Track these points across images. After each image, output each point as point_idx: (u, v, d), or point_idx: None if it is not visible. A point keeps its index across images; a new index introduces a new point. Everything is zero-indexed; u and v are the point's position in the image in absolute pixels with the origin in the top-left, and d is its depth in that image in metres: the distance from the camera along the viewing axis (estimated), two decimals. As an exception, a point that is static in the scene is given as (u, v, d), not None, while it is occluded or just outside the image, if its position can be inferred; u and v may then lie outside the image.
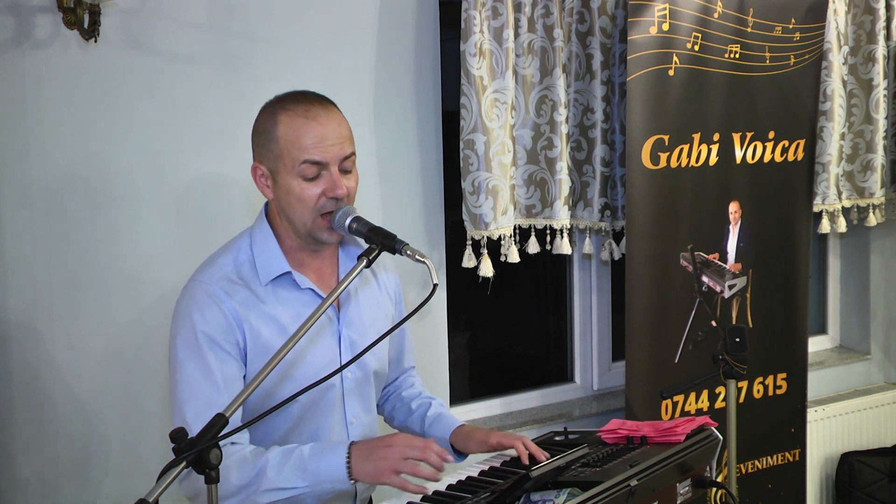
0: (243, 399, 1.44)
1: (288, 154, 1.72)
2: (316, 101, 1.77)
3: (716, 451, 2.01)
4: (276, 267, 1.78)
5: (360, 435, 1.89)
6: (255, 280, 1.78)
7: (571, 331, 3.42)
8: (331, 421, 1.84)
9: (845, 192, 3.61)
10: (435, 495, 1.73)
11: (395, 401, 2.15)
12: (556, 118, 2.91)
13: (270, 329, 1.75)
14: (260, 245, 1.80)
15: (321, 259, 1.86)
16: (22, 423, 2.38)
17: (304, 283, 1.80)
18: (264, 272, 1.78)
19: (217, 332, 1.71)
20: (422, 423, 2.05)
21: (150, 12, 2.44)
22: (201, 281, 1.76)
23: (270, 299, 1.77)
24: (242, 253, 1.80)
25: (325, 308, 1.55)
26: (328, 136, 1.72)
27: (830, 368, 3.91)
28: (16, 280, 2.35)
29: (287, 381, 1.77)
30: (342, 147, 1.74)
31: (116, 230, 2.45)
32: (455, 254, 2.93)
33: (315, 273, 1.85)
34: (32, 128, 2.34)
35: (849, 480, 3.70)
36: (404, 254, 1.66)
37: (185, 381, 1.70)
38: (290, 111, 1.73)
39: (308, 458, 1.66)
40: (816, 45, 3.26)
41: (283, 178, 1.74)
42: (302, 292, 1.81)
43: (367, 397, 1.93)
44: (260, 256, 1.79)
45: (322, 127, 1.72)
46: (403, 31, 2.81)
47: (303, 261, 1.83)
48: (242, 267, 1.78)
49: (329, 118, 1.74)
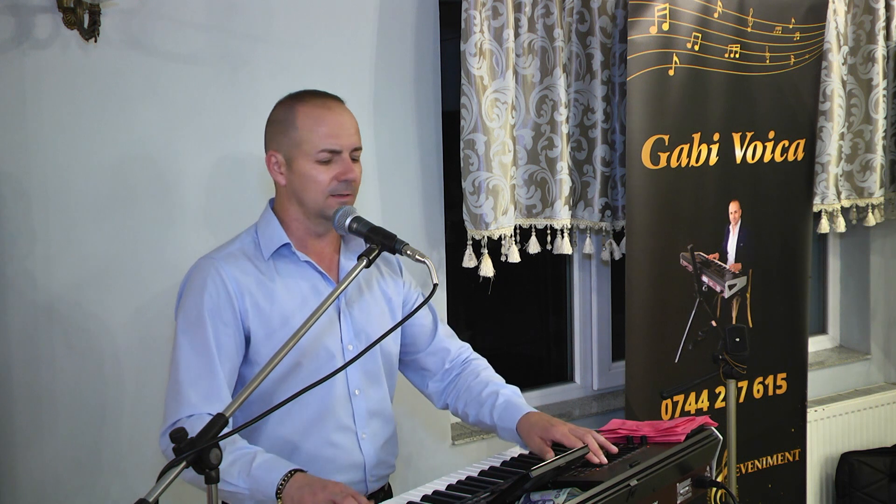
0: (243, 399, 1.44)
1: (307, 141, 1.85)
2: (331, 97, 1.93)
3: (716, 451, 2.01)
4: (277, 240, 1.89)
5: (367, 409, 1.95)
6: (258, 256, 1.90)
7: (571, 331, 3.42)
8: (334, 392, 1.89)
9: (845, 192, 3.61)
10: (435, 495, 1.73)
11: (466, 396, 2.07)
12: (557, 118, 2.91)
13: (268, 299, 1.85)
14: (263, 227, 1.93)
15: (323, 244, 1.95)
16: (22, 423, 2.38)
17: (302, 257, 1.90)
18: (266, 247, 1.90)
19: (220, 308, 1.81)
20: (491, 415, 2.00)
21: (150, 12, 2.45)
22: (210, 258, 1.88)
23: (270, 271, 1.88)
24: (248, 237, 1.93)
25: (328, 305, 1.58)
26: (344, 126, 1.87)
27: (830, 368, 3.91)
28: (15, 279, 2.35)
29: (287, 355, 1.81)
30: (354, 138, 1.89)
31: (116, 230, 2.45)
32: (455, 254, 2.93)
33: (316, 255, 1.93)
34: (32, 128, 2.34)
35: (849, 480, 3.70)
36: (404, 254, 1.69)
37: (182, 352, 1.80)
38: (309, 103, 1.88)
39: (255, 466, 1.70)
40: (816, 45, 3.26)
41: (300, 163, 1.86)
42: (300, 266, 1.90)
43: (371, 371, 1.97)
44: (263, 236, 1.91)
45: (339, 117, 1.88)
46: (403, 31, 2.81)
47: (306, 243, 1.92)
48: (247, 246, 1.91)
49: (343, 111, 1.91)
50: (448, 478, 1.83)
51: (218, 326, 1.80)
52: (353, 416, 1.93)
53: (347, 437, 1.92)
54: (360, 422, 1.94)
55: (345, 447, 1.92)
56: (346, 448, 1.92)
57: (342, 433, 1.92)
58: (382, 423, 2.00)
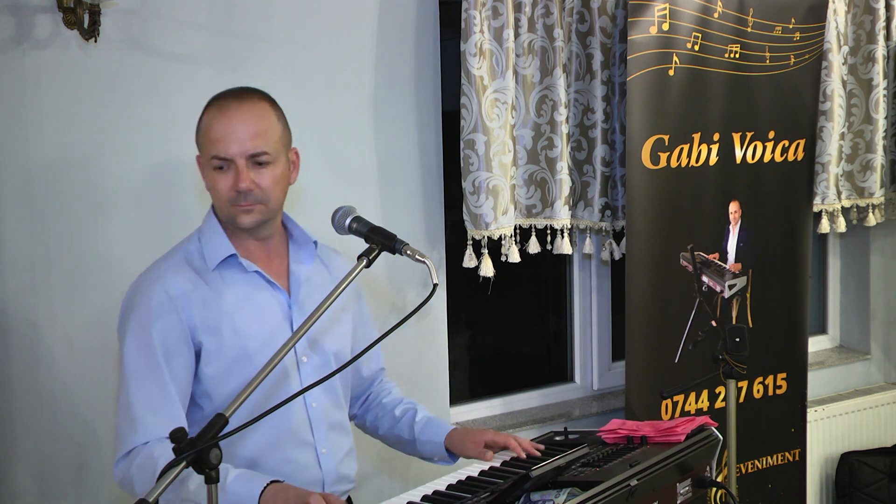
0: (243, 399, 1.43)
1: (203, 147, 1.80)
2: (234, 96, 1.80)
3: (716, 451, 2.01)
4: (223, 250, 1.82)
5: (326, 422, 1.90)
6: (203, 267, 1.82)
7: (571, 331, 3.42)
8: (291, 406, 1.79)
9: (845, 192, 3.61)
10: (435, 495, 1.73)
11: (377, 410, 2.15)
12: (557, 118, 2.91)
13: (217, 315, 1.78)
14: (207, 235, 1.85)
15: (268, 248, 1.89)
16: (22, 423, 2.38)
17: (250, 267, 1.83)
18: (211, 257, 1.82)
19: (168, 327, 1.74)
20: (410, 429, 2.07)
21: (150, 12, 2.45)
22: (153, 272, 1.81)
23: (217, 284, 1.81)
24: (192, 245, 1.86)
25: (325, 310, 1.55)
26: (234, 132, 1.75)
27: (830, 368, 3.91)
28: (15, 279, 2.35)
29: (238, 364, 1.78)
30: (248, 144, 1.75)
31: (116, 230, 2.45)
32: (455, 254, 2.93)
33: (263, 261, 1.87)
34: (32, 128, 2.34)
35: (849, 480, 3.70)
36: (404, 254, 1.68)
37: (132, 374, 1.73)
38: (211, 106, 1.80)
39: (230, 482, 1.65)
40: (816, 45, 3.26)
41: (205, 170, 1.82)
42: (249, 276, 1.84)
43: (327, 383, 1.84)
44: (207, 245, 1.84)
45: (229, 122, 1.76)
46: (403, 31, 2.81)
47: (249, 248, 1.86)
48: (192, 255, 1.84)
49: (239, 113, 1.76)
50: (448, 478, 1.83)
51: (168, 345, 1.74)
52: (311, 431, 1.88)
53: (306, 452, 1.87)
54: (319, 436, 1.89)
55: (303, 464, 1.86)
56: (305, 465, 1.86)
57: (301, 449, 1.86)
58: (341, 437, 1.95)
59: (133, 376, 1.73)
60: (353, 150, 2.76)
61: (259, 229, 1.84)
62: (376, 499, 2.06)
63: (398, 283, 2.87)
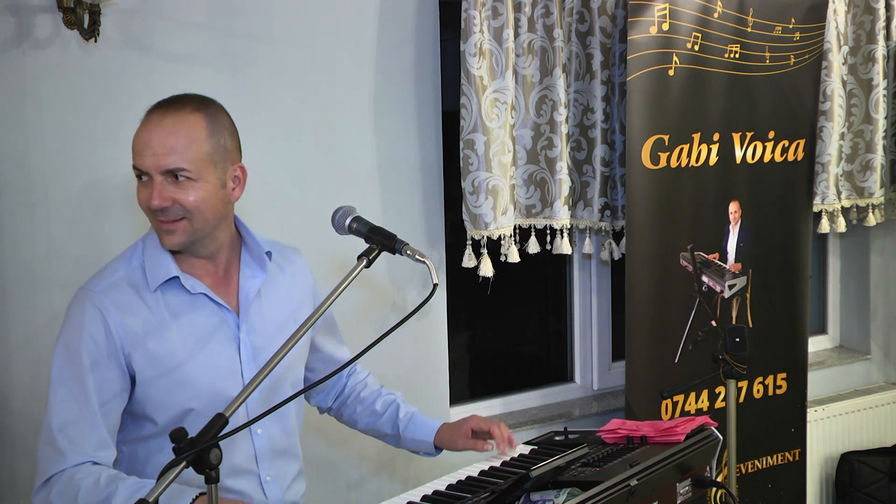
0: (243, 399, 1.43)
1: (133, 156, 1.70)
2: (164, 106, 1.70)
3: (716, 451, 2.01)
4: (164, 271, 1.72)
5: (271, 448, 1.81)
6: (144, 286, 1.72)
7: (571, 331, 3.42)
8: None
9: (845, 192, 3.61)
10: (435, 495, 1.73)
11: (356, 404, 2.12)
12: (556, 118, 2.91)
13: (156, 338, 1.69)
14: (150, 249, 1.75)
15: (216, 263, 1.79)
16: (22, 423, 2.38)
17: (195, 289, 1.73)
18: (153, 277, 1.72)
19: (98, 348, 1.66)
20: (394, 425, 2.07)
21: (150, 12, 2.45)
22: (90, 290, 1.71)
23: (159, 306, 1.71)
24: (135, 261, 1.75)
25: (321, 314, 1.54)
26: (150, 145, 1.65)
27: (830, 368, 3.91)
28: (16, 280, 2.35)
29: (179, 390, 1.70)
30: (163, 159, 1.65)
31: (116, 230, 2.45)
32: (455, 254, 2.93)
33: (211, 278, 1.78)
34: (32, 128, 2.34)
35: (849, 480, 3.70)
36: (404, 254, 1.68)
37: (58, 396, 1.65)
38: (147, 114, 1.71)
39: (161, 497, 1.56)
40: (816, 45, 3.26)
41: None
42: (194, 297, 1.74)
43: (282, 409, 1.68)
44: (149, 261, 1.73)
45: (148, 134, 1.67)
46: (403, 31, 2.81)
47: (194, 264, 1.76)
48: (134, 272, 1.73)
49: (160, 126, 1.67)
50: (448, 478, 1.83)
51: (98, 370, 1.65)
52: (255, 458, 1.79)
53: (248, 481, 1.78)
54: (262, 463, 1.80)
55: (244, 493, 1.77)
56: (247, 494, 1.77)
57: (241, 478, 1.77)
58: (288, 462, 1.87)
59: (58, 400, 1.64)
60: (353, 149, 2.76)
61: (194, 248, 1.73)
62: (376, 499, 2.06)
63: (398, 283, 2.87)
